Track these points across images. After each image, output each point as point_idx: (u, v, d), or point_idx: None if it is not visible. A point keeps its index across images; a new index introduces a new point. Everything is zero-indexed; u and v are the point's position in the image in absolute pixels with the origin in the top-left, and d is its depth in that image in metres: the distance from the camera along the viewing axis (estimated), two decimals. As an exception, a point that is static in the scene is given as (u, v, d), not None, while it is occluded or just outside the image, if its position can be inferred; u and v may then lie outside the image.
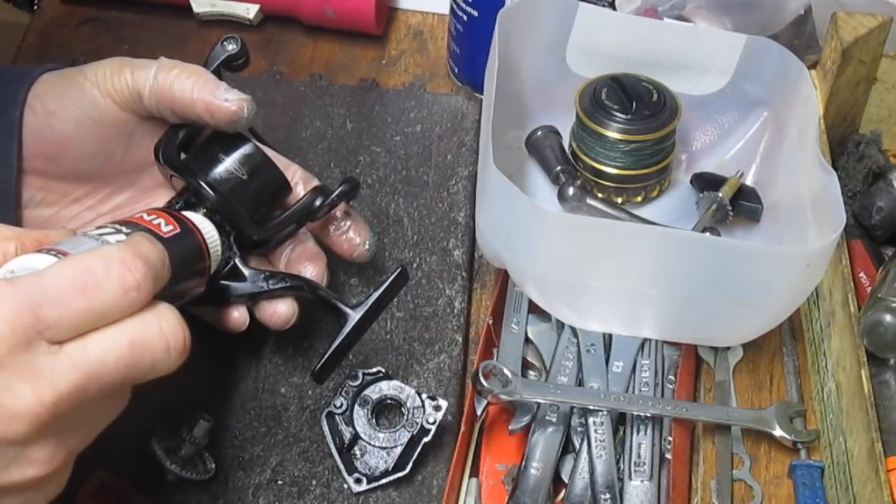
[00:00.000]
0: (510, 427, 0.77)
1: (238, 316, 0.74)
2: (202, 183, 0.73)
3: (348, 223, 0.80)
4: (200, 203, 0.74)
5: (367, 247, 0.80)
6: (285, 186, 0.77)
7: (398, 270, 0.74)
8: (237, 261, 0.74)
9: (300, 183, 0.78)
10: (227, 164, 0.74)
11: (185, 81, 0.72)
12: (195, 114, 0.73)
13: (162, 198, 0.79)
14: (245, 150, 0.75)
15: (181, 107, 0.73)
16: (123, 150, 0.77)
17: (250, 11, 1.03)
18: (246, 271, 0.74)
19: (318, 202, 0.77)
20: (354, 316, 0.73)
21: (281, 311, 0.75)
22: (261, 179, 0.75)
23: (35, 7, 1.24)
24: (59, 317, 0.54)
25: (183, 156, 0.75)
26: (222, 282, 0.74)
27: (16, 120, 0.73)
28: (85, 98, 0.74)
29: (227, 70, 0.77)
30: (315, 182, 0.79)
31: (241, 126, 0.74)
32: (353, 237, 0.80)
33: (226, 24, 1.03)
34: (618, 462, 0.76)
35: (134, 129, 0.76)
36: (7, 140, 0.73)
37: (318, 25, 1.04)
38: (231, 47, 0.76)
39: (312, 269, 0.77)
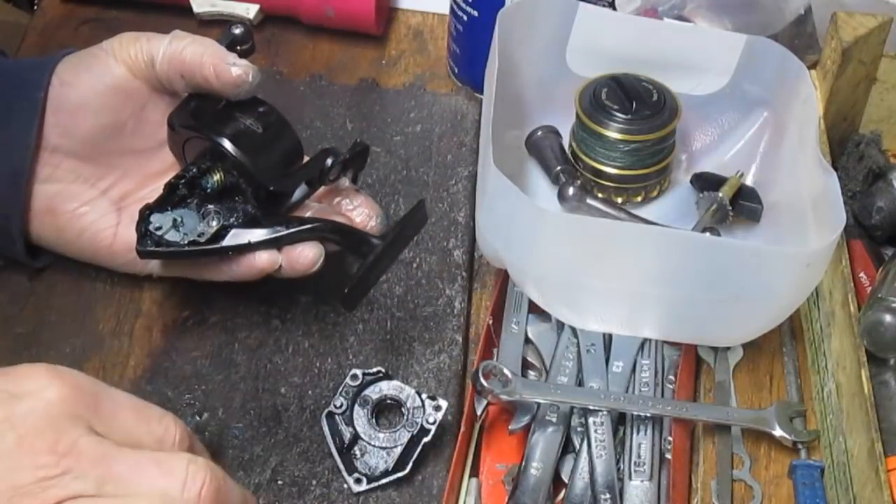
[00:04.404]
0: (510, 427, 0.77)
1: (267, 257, 0.76)
2: (220, 137, 0.75)
3: (360, 199, 0.81)
4: (216, 164, 0.76)
5: (378, 221, 0.81)
6: (299, 147, 0.79)
7: (417, 203, 0.77)
8: (255, 211, 0.76)
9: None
10: (243, 120, 0.77)
11: (198, 48, 0.76)
12: (202, 76, 0.75)
13: None
14: (260, 108, 0.78)
15: (190, 69, 0.76)
16: (135, 123, 0.79)
17: (250, 11, 1.03)
18: (264, 219, 0.76)
19: (329, 160, 0.78)
20: (380, 243, 0.76)
21: (308, 252, 0.76)
22: (276, 135, 0.78)
23: (35, 7, 1.24)
24: (111, 412, 0.60)
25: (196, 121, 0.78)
26: (241, 229, 0.75)
27: (39, 101, 0.77)
28: (100, 66, 0.77)
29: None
30: None
31: (245, 92, 0.76)
32: (364, 211, 0.81)
33: (226, 24, 1.02)
34: (618, 462, 0.76)
35: (146, 102, 0.79)
36: (29, 120, 0.76)
37: (318, 25, 1.04)
38: (237, 31, 0.79)
39: (338, 220, 0.78)
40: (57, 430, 0.57)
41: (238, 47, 0.78)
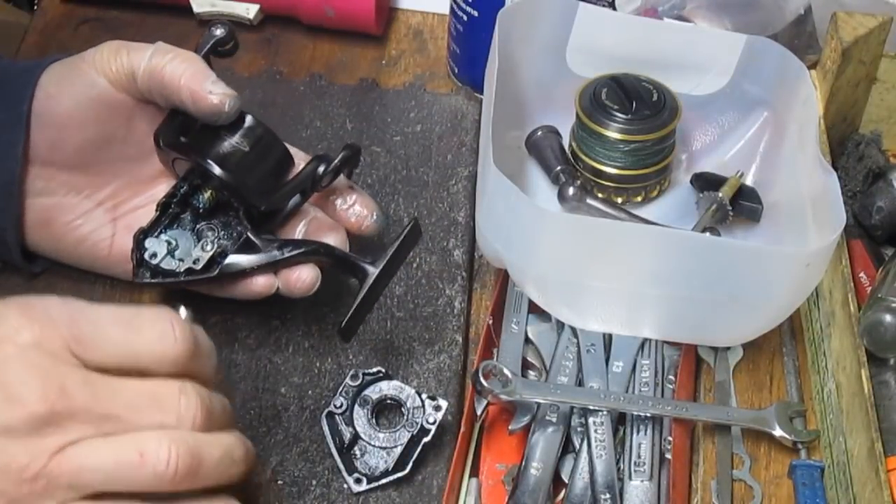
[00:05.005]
0: (510, 427, 0.77)
1: (265, 280, 0.75)
2: (207, 160, 0.74)
3: (354, 197, 0.80)
4: (206, 182, 0.75)
5: (374, 218, 0.80)
6: (288, 157, 0.78)
7: (411, 223, 0.76)
8: (249, 234, 0.75)
9: (301, 163, 0.79)
10: (229, 139, 0.75)
11: (178, 66, 0.73)
12: (179, 100, 0.74)
13: (162, 188, 0.79)
14: (245, 123, 0.76)
15: (168, 90, 0.74)
16: (124, 133, 0.78)
17: (250, 11, 1.03)
18: (259, 242, 0.75)
19: (321, 169, 0.77)
20: (374, 271, 0.75)
21: (305, 276, 0.75)
22: (264, 150, 0.76)
23: (35, 7, 1.24)
24: (93, 337, 0.57)
25: (183, 140, 0.76)
26: (236, 256, 0.74)
27: (24, 112, 0.75)
28: (84, 79, 0.75)
29: (217, 56, 0.77)
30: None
31: (223, 120, 0.75)
32: (359, 210, 0.80)
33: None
34: (618, 462, 0.76)
35: (132, 112, 0.77)
36: (16, 132, 0.75)
37: (318, 25, 1.04)
38: (219, 32, 0.77)
39: (335, 238, 0.78)
40: (41, 376, 0.55)
41: (220, 48, 0.77)
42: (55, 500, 0.56)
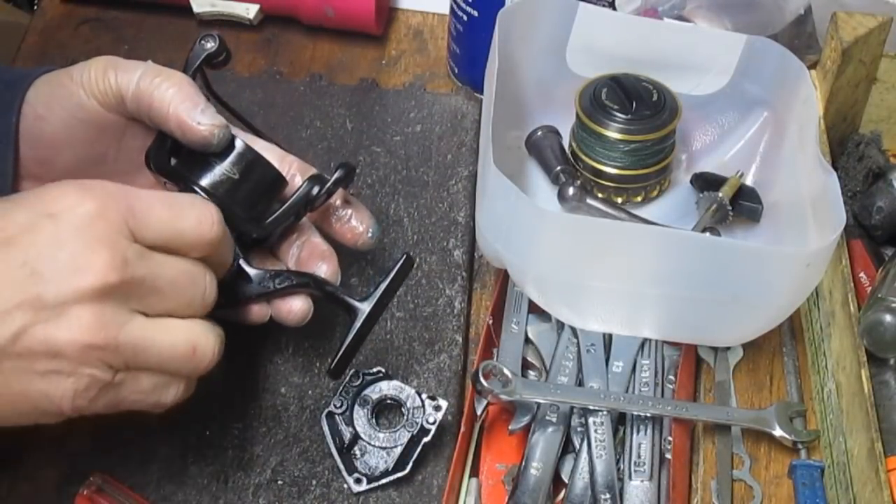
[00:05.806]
0: (510, 427, 0.77)
1: (259, 309, 0.75)
2: (196, 188, 0.73)
3: (349, 211, 0.79)
4: None
5: (370, 234, 0.79)
6: (279, 180, 0.76)
7: (403, 257, 0.74)
8: (241, 262, 0.74)
9: (297, 175, 0.78)
10: (219, 166, 0.73)
11: (166, 92, 0.71)
12: (168, 128, 0.72)
13: None
14: (235, 149, 0.74)
15: (157, 117, 0.72)
16: (116, 151, 0.76)
17: (250, 11, 1.03)
18: (251, 272, 0.74)
19: (315, 191, 0.76)
20: (364, 309, 0.73)
21: (297, 307, 0.75)
22: (254, 177, 0.74)
23: (35, 7, 1.25)
24: (145, 213, 0.63)
25: (173, 161, 0.74)
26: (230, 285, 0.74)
27: (13, 126, 0.73)
28: (72, 100, 0.73)
29: (210, 68, 0.76)
30: (312, 171, 0.78)
31: (212, 150, 0.72)
32: (355, 225, 0.79)
33: (226, 24, 1.03)
34: (618, 462, 0.76)
35: (124, 130, 0.75)
36: (5, 146, 0.73)
37: (318, 25, 1.04)
38: (210, 45, 0.75)
39: (326, 268, 0.77)
40: (108, 247, 0.60)
41: (212, 61, 0.75)
42: (111, 370, 0.62)
